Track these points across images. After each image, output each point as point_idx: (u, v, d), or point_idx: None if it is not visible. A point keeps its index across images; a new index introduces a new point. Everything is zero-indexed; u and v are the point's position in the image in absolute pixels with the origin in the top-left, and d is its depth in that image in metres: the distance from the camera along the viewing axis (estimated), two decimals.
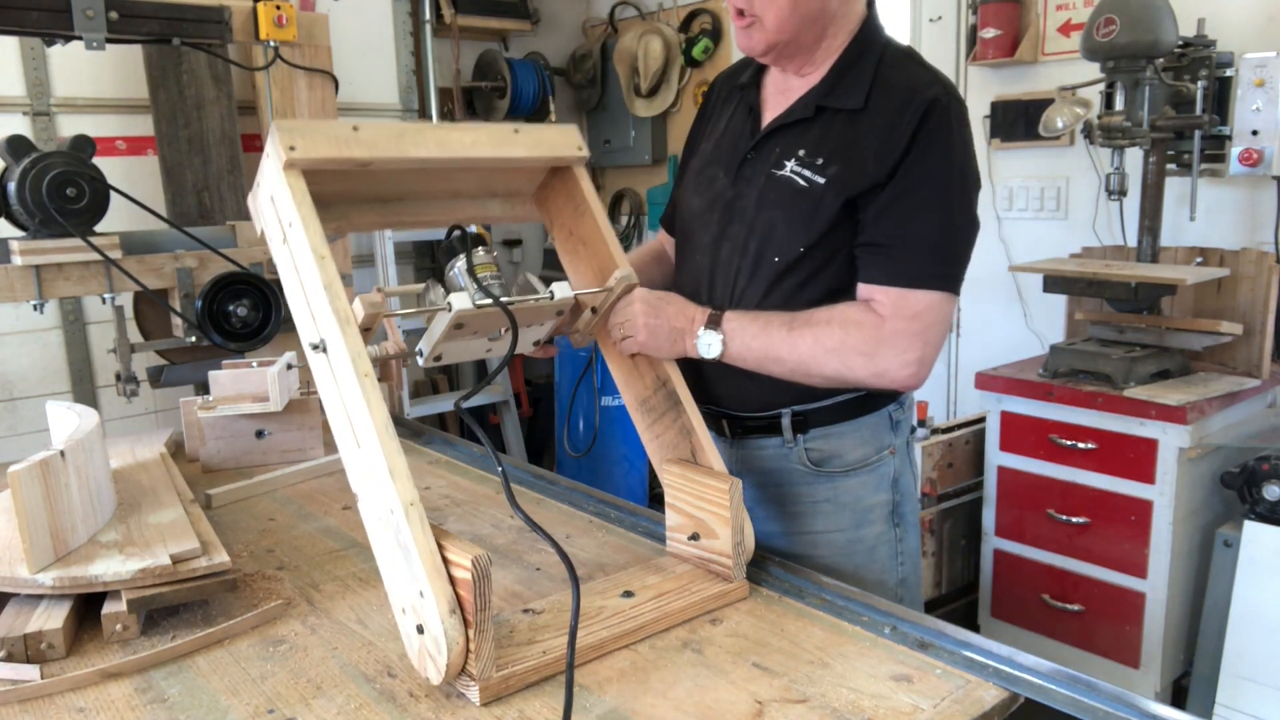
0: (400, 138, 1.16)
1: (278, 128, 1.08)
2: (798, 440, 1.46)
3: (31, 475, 1.19)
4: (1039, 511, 2.60)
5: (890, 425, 1.49)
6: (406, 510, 0.98)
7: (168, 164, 3.16)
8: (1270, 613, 2.16)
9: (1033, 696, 1.01)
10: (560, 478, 1.74)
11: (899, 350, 1.30)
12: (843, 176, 1.32)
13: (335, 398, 1.09)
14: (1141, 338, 2.58)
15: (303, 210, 1.08)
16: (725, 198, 1.45)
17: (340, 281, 1.08)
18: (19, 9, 1.76)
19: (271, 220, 1.15)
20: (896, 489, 1.50)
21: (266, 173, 1.14)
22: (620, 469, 3.99)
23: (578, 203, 1.36)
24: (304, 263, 1.09)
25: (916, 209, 1.30)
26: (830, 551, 1.47)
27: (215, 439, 1.87)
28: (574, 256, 1.40)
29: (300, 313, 1.12)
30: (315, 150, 1.09)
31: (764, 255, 1.40)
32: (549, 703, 1.02)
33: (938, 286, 1.30)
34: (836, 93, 1.37)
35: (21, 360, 3.04)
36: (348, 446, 1.09)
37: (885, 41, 1.41)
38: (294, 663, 1.13)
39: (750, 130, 1.46)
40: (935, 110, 1.29)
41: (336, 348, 1.05)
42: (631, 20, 4.41)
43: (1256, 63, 2.44)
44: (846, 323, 1.32)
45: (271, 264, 2.22)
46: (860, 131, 1.33)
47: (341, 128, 1.12)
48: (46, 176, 1.84)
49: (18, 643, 1.12)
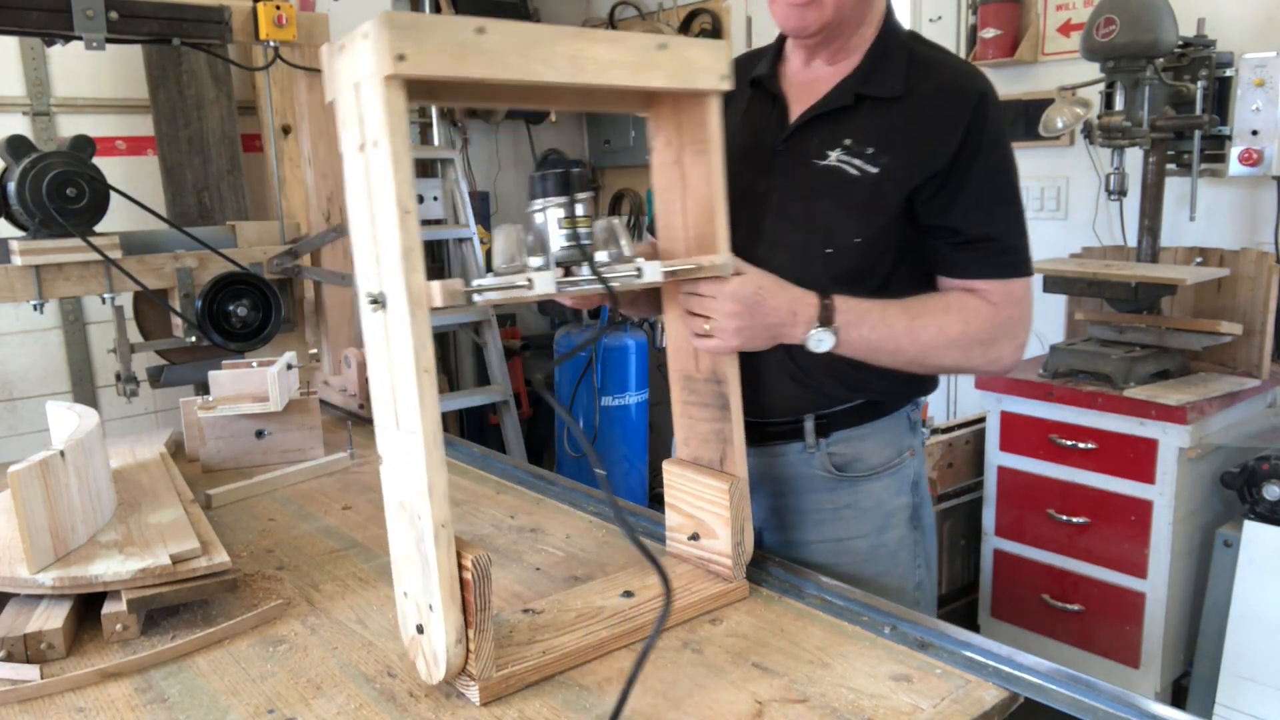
0: (529, 50, 0.96)
1: (390, 23, 0.87)
2: (820, 445, 1.43)
3: (31, 475, 1.19)
4: (1039, 511, 2.60)
5: (909, 426, 1.48)
6: (437, 531, 0.96)
7: (168, 164, 3.16)
8: (1270, 613, 2.16)
9: (1033, 696, 1.01)
10: (560, 478, 1.74)
11: (1010, 336, 1.34)
12: (898, 166, 1.31)
13: (384, 369, 0.98)
14: (1141, 338, 2.58)
15: (396, 140, 0.90)
16: (755, 192, 1.39)
17: (420, 249, 0.93)
18: (19, 9, 1.76)
19: (349, 110, 0.96)
20: (916, 491, 1.49)
21: (360, 55, 0.92)
22: (620, 469, 3.99)
23: (700, 140, 1.20)
24: (382, 205, 0.93)
25: (997, 201, 1.33)
26: (853, 559, 1.44)
27: (215, 439, 1.87)
28: (670, 194, 1.26)
29: (363, 250, 0.98)
30: (428, 63, 0.90)
31: (811, 248, 1.35)
32: (549, 703, 1.02)
33: (1028, 272, 1.35)
34: (874, 81, 1.35)
35: (21, 360, 3.04)
36: (386, 424, 1.01)
37: (909, 31, 1.41)
38: (294, 663, 1.13)
39: (779, 123, 1.41)
40: (987, 101, 1.30)
41: (399, 329, 0.94)
42: (631, 20, 4.41)
43: (1256, 63, 2.44)
44: (966, 311, 1.32)
45: (271, 264, 2.22)
46: (904, 120, 1.32)
47: (463, 29, 0.92)
48: (46, 176, 1.85)
49: (18, 643, 1.12)
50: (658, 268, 1.11)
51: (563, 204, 1.07)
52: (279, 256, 2.22)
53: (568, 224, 1.08)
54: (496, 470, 1.84)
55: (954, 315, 1.32)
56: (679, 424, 1.35)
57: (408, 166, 0.91)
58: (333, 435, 1.99)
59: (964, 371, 1.37)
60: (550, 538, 1.49)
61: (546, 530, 1.53)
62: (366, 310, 0.98)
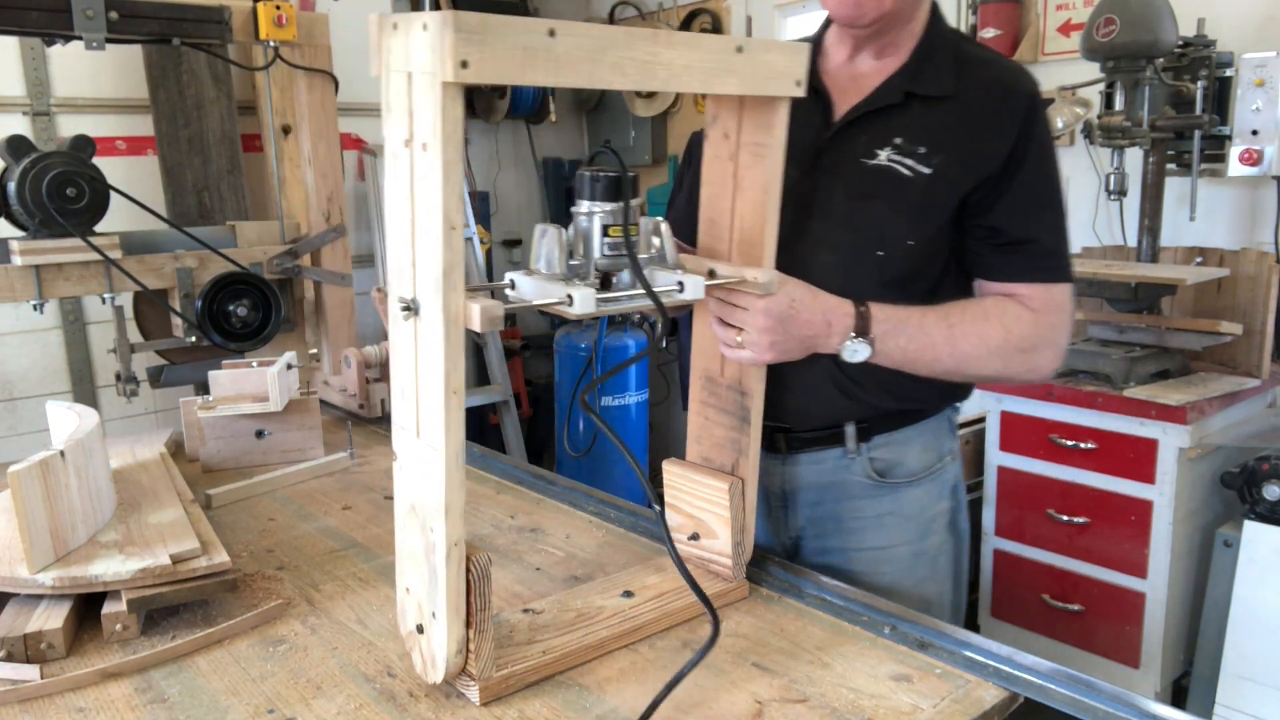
0: (601, 55, 0.90)
1: (456, 25, 0.80)
2: (861, 450, 1.39)
3: (31, 475, 1.19)
4: (1039, 511, 2.60)
5: (949, 429, 1.45)
6: (449, 550, 0.95)
7: (168, 164, 3.16)
8: (1270, 613, 2.16)
9: (1032, 696, 1.01)
10: (560, 478, 1.74)
11: (1051, 343, 1.31)
12: (951, 168, 1.28)
13: (409, 375, 0.96)
14: (1141, 338, 2.58)
15: (449, 150, 0.84)
16: (797, 191, 1.31)
17: (463, 269, 0.88)
18: (19, 9, 1.76)
19: (398, 98, 0.90)
20: (955, 496, 1.46)
21: (416, 46, 0.85)
22: (620, 469, 3.99)
23: (761, 143, 1.14)
24: (426, 215, 0.88)
25: (1042, 204, 1.30)
26: (894, 567, 1.41)
27: (215, 439, 1.87)
28: (719, 189, 1.20)
29: (399, 253, 0.94)
30: (492, 70, 0.83)
31: (862, 250, 1.31)
32: (549, 703, 1.02)
33: (1070, 277, 1.32)
34: (923, 79, 1.31)
35: (21, 360, 3.04)
36: (405, 425, 0.99)
37: (954, 30, 1.38)
38: (294, 663, 1.13)
39: (823, 119, 1.36)
40: (1037, 102, 1.28)
41: (432, 345, 0.90)
42: (631, 20, 4.41)
43: (1256, 63, 2.44)
44: (1006, 318, 1.29)
45: (271, 264, 2.22)
46: (954, 120, 1.29)
47: (534, 34, 0.85)
48: (46, 176, 1.84)
49: (18, 643, 1.12)
50: (700, 283, 1.07)
51: (611, 211, 1.04)
52: (279, 256, 2.22)
53: (616, 232, 1.04)
54: (496, 470, 1.84)
55: (994, 322, 1.28)
56: (693, 421, 1.32)
57: (458, 178, 0.86)
58: (333, 435, 1.99)
59: (1003, 380, 1.35)
60: (550, 538, 1.49)
61: (546, 530, 1.53)
62: (397, 314, 0.94)
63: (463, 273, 0.89)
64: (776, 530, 1.49)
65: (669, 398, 4.48)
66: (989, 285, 1.34)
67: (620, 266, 1.05)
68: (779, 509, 1.47)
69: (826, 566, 1.40)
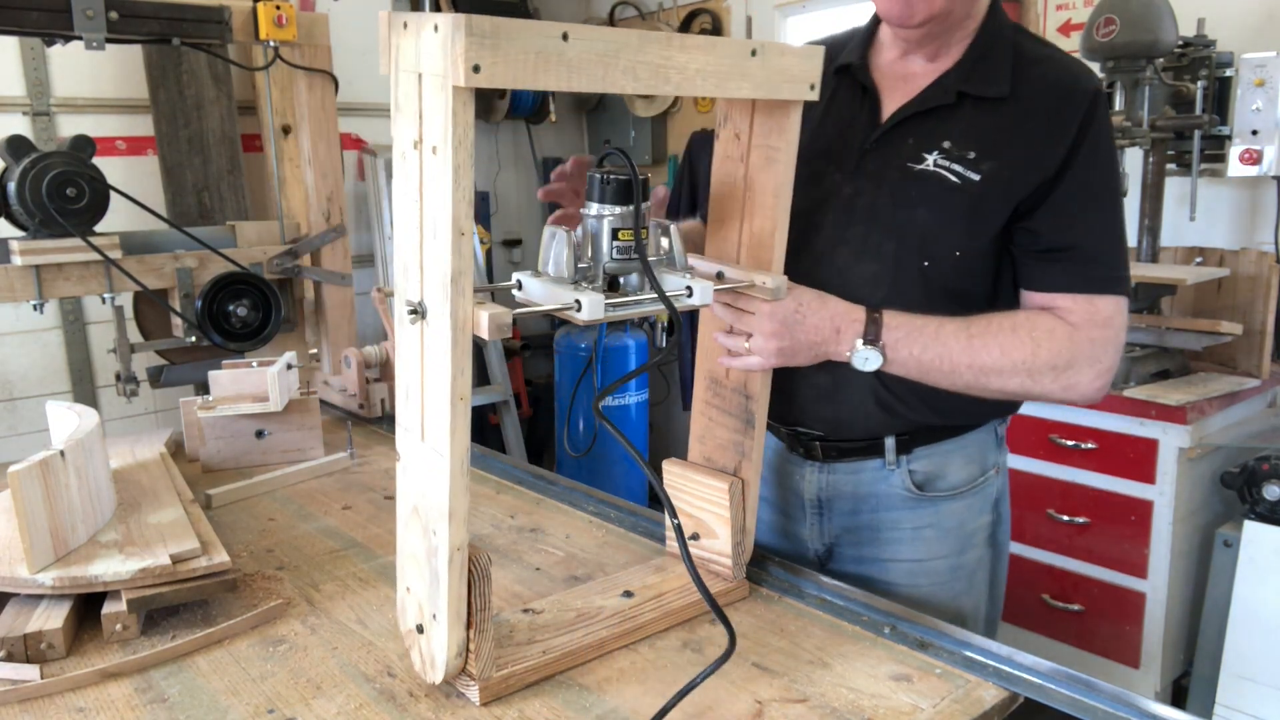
0: (614, 60, 0.89)
1: (468, 29, 0.78)
2: (900, 462, 1.33)
3: (31, 475, 1.19)
4: (1039, 511, 2.60)
5: (995, 442, 1.39)
6: (452, 554, 0.95)
7: (168, 164, 3.16)
8: (1270, 613, 2.16)
9: (1032, 696, 1.01)
10: (560, 478, 1.74)
11: (1092, 361, 1.21)
12: (1003, 174, 1.20)
13: (414, 377, 0.95)
14: (1141, 338, 2.58)
15: (459, 154, 0.83)
16: (842, 195, 1.27)
17: (471, 274, 0.88)
18: (19, 9, 1.76)
19: (408, 98, 0.88)
20: (996, 510, 1.40)
21: (427, 47, 0.83)
22: (620, 469, 3.99)
23: (773, 146, 1.12)
24: (435, 220, 0.87)
25: (1091, 210, 1.21)
26: (930, 580, 1.36)
27: (215, 439, 1.87)
28: (728, 191, 1.18)
29: (406, 255, 0.93)
30: (504, 74, 0.82)
31: (906, 259, 1.24)
32: (549, 703, 1.02)
33: (1121, 290, 1.22)
34: (976, 78, 1.23)
35: (21, 360, 3.04)
36: (410, 427, 0.98)
37: (1014, 25, 1.29)
38: (294, 663, 1.13)
39: (870, 119, 1.29)
40: (1099, 103, 1.20)
41: (438, 351, 0.90)
42: (631, 20, 4.41)
43: (1256, 63, 2.44)
44: (1036, 332, 1.19)
45: (271, 264, 2.22)
46: (1010, 122, 1.21)
47: (547, 38, 0.84)
48: (46, 176, 1.84)
49: (18, 643, 1.12)
50: (709, 287, 1.06)
51: (621, 214, 1.02)
52: (279, 256, 2.22)
53: (626, 235, 1.02)
54: (496, 470, 1.84)
55: (1021, 335, 1.19)
56: (697, 421, 1.30)
57: (469, 184, 0.85)
58: (333, 435, 1.99)
59: (1036, 398, 1.24)
60: (550, 538, 1.49)
61: (546, 530, 1.53)
62: (403, 317, 0.94)
63: (471, 278, 0.88)
64: (810, 537, 1.43)
65: (669, 398, 4.48)
66: (1030, 296, 1.26)
67: (629, 269, 1.04)
68: (814, 516, 1.42)
69: (861, 576, 1.36)
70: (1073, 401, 1.25)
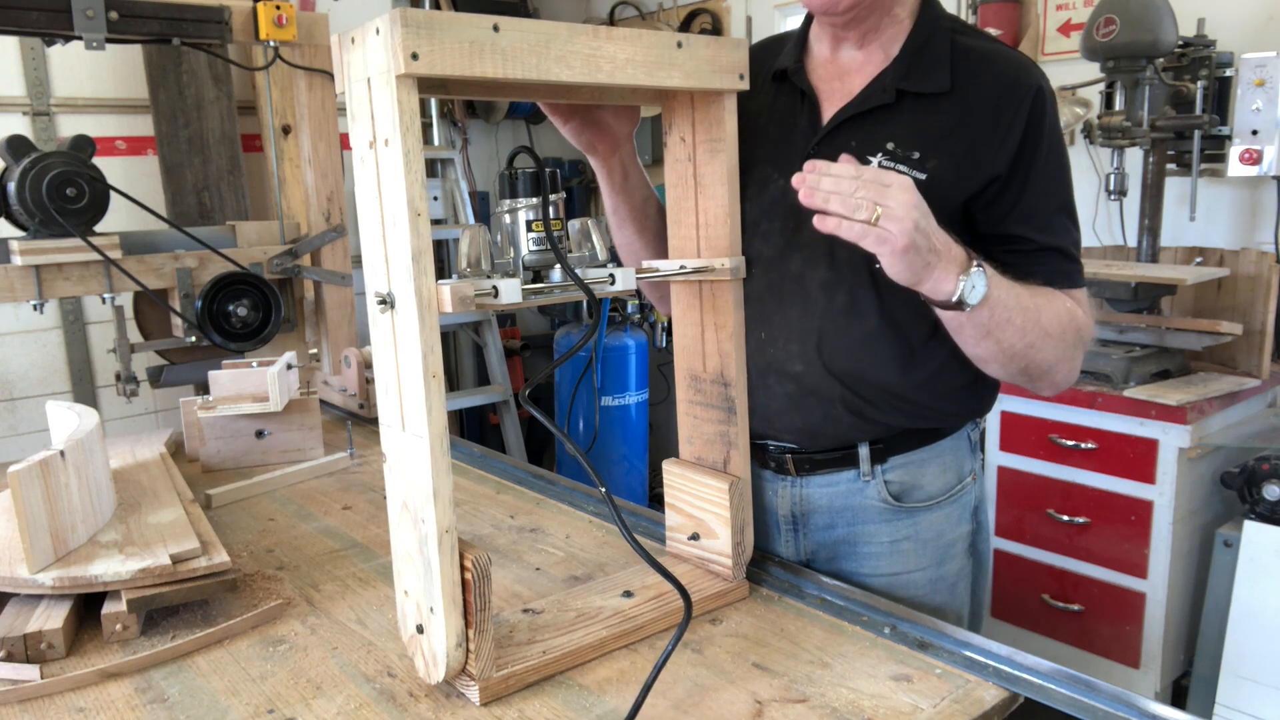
0: (545, 48, 0.96)
1: (404, 20, 0.86)
2: (876, 472, 1.31)
3: (31, 475, 1.19)
4: (1039, 511, 2.60)
5: (970, 448, 1.37)
6: (440, 537, 0.96)
7: (168, 164, 3.16)
8: (1270, 613, 2.16)
9: (1033, 696, 1.01)
10: (560, 478, 1.74)
11: (1084, 346, 1.24)
12: (949, 172, 1.18)
13: (391, 370, 0.98)
14: (1141, 338, 2.58)
15: (408, 140, 0.89)
16: (788, 201, 1.22)
17: (431, 253, 0.92)
18: (19, 9, 1.76)
19: (360, 105, 0.95)
20: (976, 518, 1.39)
21: (372, 50, 0.91)
22: (620, 469, 3.99)
23: (716, 138, 1.17)
24: (393, 206, 0.92)
25: (1062, 208, 1.23)
26: (911, 594, 1.34)
27: (215, 439, 1.87)
28: (682, 191, 1.23)
29: (372, 249, 0.97)
30: (441, 62, 0.89)
31: (858, 263, 1.22)
32: (549, 703, 1.02)
33: (1085, 282, 1.27)
34: (915, 74, 1.21)
35: (21, 360, 3.04)
36: (391, 423, 1.00)
37: (950, 16, 1.27)
38: (294, 663, 1.13)
39: (810, 122, 1.28)
40: (1044, 95, 1.19)
41: (408, 332, 0.93)
42: (631, 20, 4.41)
43: (1256, 63, 2.44)
44: (1075, 313, 1.20)
45: (271, 264, 2.22)
46: (953, 119, 1.19)
47: (478, 28, 0.91)
48: (46, 176, 1.85)
49: (18, 643, 1.12)
50: (630, 274, 1.07)
51: (534, 206, 1.05)
52: (279, 256, 2.22)
53: (539, 227, 1.05)
54: (496, 470, 1.84)
55: (1058, 306, 1.18)
56: (683, 423, 1.31)
57: (420, 167, 0.90)
58: (333, 435, 1.99)
59: (1044, 374, 1.21)
60: (550, 538, 1.49)
61: (546, 530, 1.53)
62: (375, 310, 0.97)
63: (432, 258, 0.92)
64: (786, 553, 1.41)
65: (669, 398, 4.48)
66: None
67: (549, 263, 1.06)
68: (789, 531, 1.39)
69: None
70: (1060, 386, 1.25)
